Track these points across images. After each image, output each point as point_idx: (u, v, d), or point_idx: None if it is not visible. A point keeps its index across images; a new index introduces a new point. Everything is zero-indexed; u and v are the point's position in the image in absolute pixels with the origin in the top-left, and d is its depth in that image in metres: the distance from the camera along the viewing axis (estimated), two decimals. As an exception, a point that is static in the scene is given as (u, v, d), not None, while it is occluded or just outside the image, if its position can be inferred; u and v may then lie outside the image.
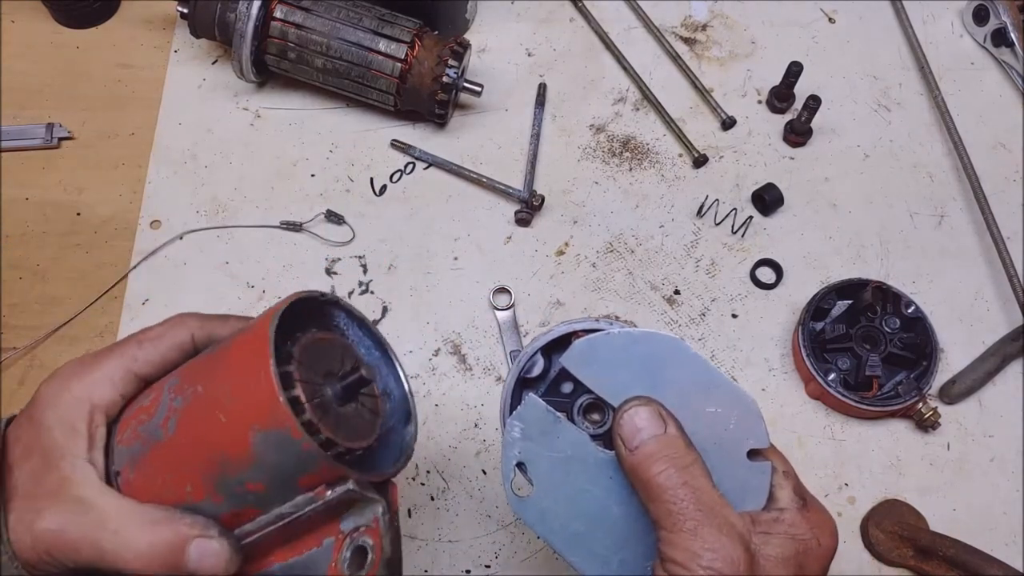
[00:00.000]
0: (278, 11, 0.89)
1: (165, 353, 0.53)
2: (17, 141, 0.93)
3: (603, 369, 0.50)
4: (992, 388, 0.84)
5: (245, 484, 0.45)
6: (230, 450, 0.45)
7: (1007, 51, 1.00)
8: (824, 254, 0.90)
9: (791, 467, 0.51)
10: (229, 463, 0.45)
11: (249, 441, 0.44)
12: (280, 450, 0.44)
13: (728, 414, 0.50)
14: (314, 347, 0.49)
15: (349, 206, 0.91)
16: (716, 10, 1.05)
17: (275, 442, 0.44)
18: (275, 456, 0.44)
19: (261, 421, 0.44)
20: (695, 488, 0.46)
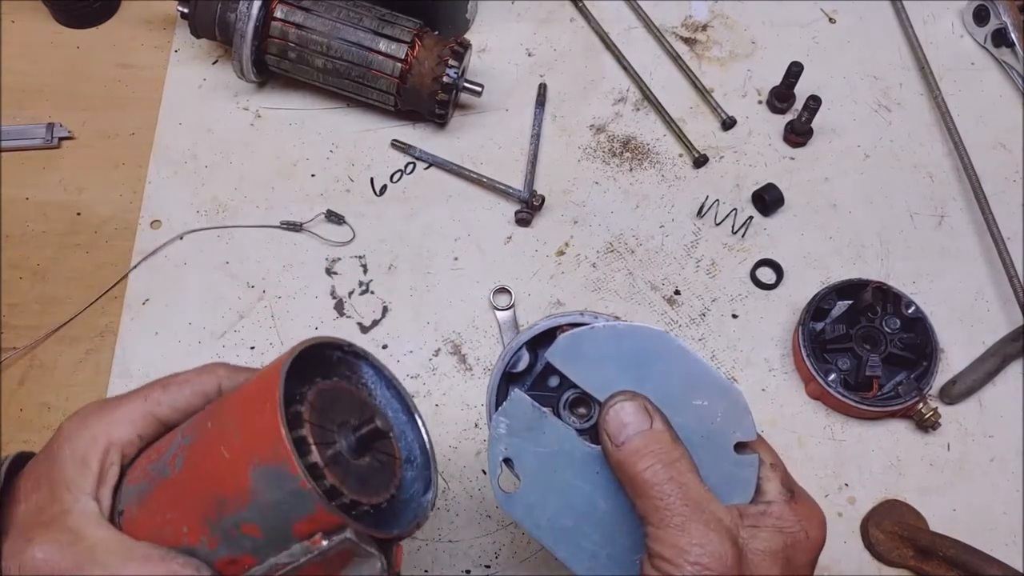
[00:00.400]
0: (278, 11, 0.89)
1: (189, 399, 0.52)
2: (17, 141, 0.93)
3: (588, 364, 0.50)
4: (992, 388, 0.84)
5: (241, 526, 0.44)
6: (229, 487, 0.44)
7: (1007, 51, 1.00)
8: (824, 254, 0.90)
9: (779, 459, 0.51)
10: (227, 501, 0.44)
11: (248, 477, 0.43)
12: (277, 487, 0.43)
13: (715, 407, 0.49)
14: (332, 395, 0.48)
15: (349, 206, 0.91)
16: (716, 10, 1.05)
17: (273, 478, 0.43)
18: (271, 494, 0.43)
19: (261, 455, 0.43)
20: (682, 484, 0.46)
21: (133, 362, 0.83)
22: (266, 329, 0.85)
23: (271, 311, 0.86)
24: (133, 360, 0.83)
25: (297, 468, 0.42)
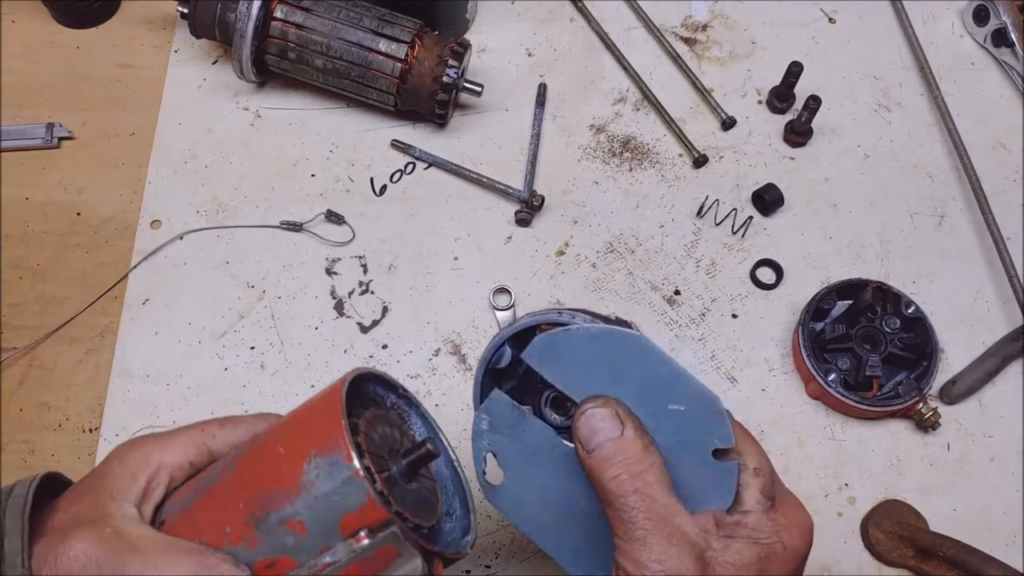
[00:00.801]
0: (278, 11, 0.89)
1: (243, 436, 0.53)
2: (17, 141, 0.93)
3: (565, 365, 0.49)
4: (992, 388, 0.84)
5: (286, 523, 0.44)
6: (280, 480, 0.44)
7: (1007, 51, 1.00)
8: (824, 254, 0.90)
9: (766, 463, 0.49)
10: (276, 495, 0.44)
11: (301, 468, 0.43)
12: (329, 477, 0.43)
13: (692, 412, 0.48)
14: (379, 422, 0.49)
15: (349, 206, 0.91)
16: (716, 10, 1.05)
17: (326, 468, 0.43)
18: (323, 485, 0.43)
19: (318, 446, 0.43)
20: (646, 496, 0.45)
21: (133, 362, 0.83)
22: (266, 329, 0.85)
23: (271, 311, 0.86)
24: (133, 360, 0.83)
25: (352, 456, 0.42)
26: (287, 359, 0.84)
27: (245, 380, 0.83)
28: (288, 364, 0.83)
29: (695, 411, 0.48)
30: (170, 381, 0.82)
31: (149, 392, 0.82)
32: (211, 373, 0.83)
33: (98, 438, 0.80)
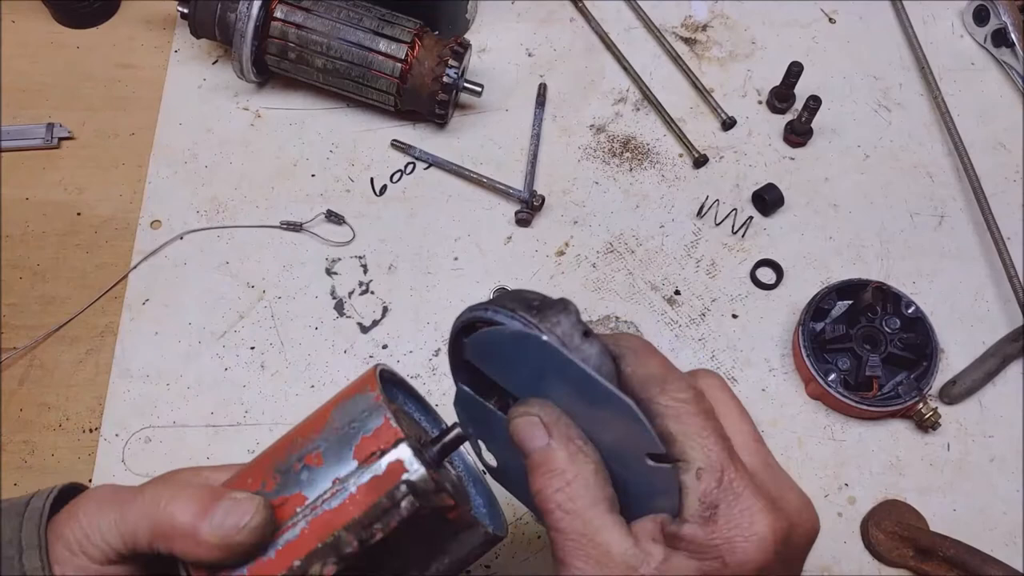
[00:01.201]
0: (278, 11, 0.89)
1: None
2: (17, 141, 0.93)
3: (502, 364, 0.47)
4: (992, 388, 0.84)
5: (304, 458, 0.45)
6: (307, 428, 0.45)
7: (1007, 51, 1.00)
8: (824, 254, 0.90)
9: (720, 457, 0.42)
10: (299, 440, 0.45)
11: (328, 414, 0.45)
12: (351, 410, 0.44)
13: (616, 420, 0.44)
14: (403, 416, 0.50)
15: (349, 206, 0.91)
16: (716, 10, 1.05)
17: (350, 405, 0.44)
18: (344, 417, 0.44)
19: (346, 394, 0.45)
20: (568, 511, 0.42)
21: (133, 362, 0.83)
22: (266, 329, 0.85)
23: (271, 311, 0.86)
24: (133, 360, 0.83)
25: (377, 387, 0.44)
26: (287, 359, 0.84)
27: (245, 380, 0.83)
28: (288, 364, 0.83)
29: (618, 417, 0.44)
30: (170, 381, 0.82)
31: (149, 392, 0.82)
32: (211, 373, 0.83)
33: (98, 438, 0.80)
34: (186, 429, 0.80)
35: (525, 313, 0.44)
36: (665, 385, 0.43)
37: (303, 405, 0.82)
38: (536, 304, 0.44)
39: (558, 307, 0.44)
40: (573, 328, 0.43)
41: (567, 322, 0.44)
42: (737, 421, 0.45)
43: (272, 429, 0.80)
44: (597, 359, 0.43)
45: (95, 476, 0.78)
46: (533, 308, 0.44)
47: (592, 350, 0.43)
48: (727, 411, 0.45)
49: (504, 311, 0.44)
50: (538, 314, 0.44)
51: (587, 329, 0.44)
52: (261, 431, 0.80)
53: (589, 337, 0.44)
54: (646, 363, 0.44)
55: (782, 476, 0.45)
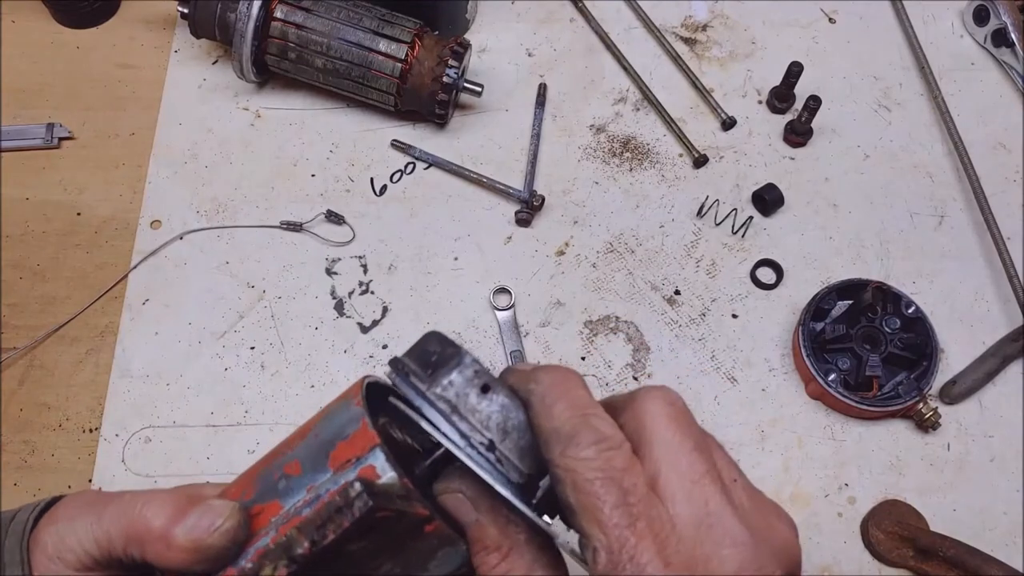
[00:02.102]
0: (278, 11, 0.89)
1: None
2: (17, 141, 0.93)
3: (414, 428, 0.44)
4: (992, 388, 0.84)
5: (283, 467, 0.43)
6: (289, 440, 0.43)
7: (1007, 51, 1.00)
8: (824, 254, 0.90)
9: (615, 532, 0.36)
10: (282, 451, 0.43)
11: (311, 427, 0.43)
12: (333, 419, 0.42)
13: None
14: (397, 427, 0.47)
15: (349, 206, 0.91)
16: (716, 10, 1.05)
17: (332, 415, 0.42)
18: (324, 427, 0.42)
19: (330, 406, 0.43)
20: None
21: (133, 362, 0.83)
22: (266, 329, 0.85)
23: (271, 311, 0.86)
24: (133, 360, 0.83)
25: (359, 394, 0.41)
26: (287, 359, 0.84)
27: (245, 380, 0.83)
28: (288, 364, 0.83)
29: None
30: (170, 381, 0.82)
31: (149, 392, 0.82)
32: (211, 373, 0.83)
33: (98, 438, 0.80)
34: (186, 429, 0.80)
35: (417, 379, 0.41)
36: (569, 442, 0.38)
37: (303, 405, 0.82)
38: (433, 360, 0.41)
39: (452, 362, 0.41)
40: (468, 385, 0.41)
41: (460, 379, 0.41)
42: (674, 457, 0.38)
43: (272, 429, 0.80)
44: (499, 415, 0.40)
45: (95, 476, 0.78)
46: (429, 366, 0.41)
47: (491, 407, 0.40)
48: (664, 446, 0.39)
49: (400, 375, 0.42)
50: (432, 374, 0.41)
51: (486, 382, 0.41)
52: (261, 431, 0.80)
53: (488, 392, 0.40)
54: (551, 413, 0.39)
55: (733, 520, 0.38)
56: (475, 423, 0.40)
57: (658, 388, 0.41)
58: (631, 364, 0.84)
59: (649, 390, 0.41)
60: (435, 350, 0.42)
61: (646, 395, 0.41)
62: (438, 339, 0.43)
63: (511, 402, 0.41)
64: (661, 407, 0.40)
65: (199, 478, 0.78)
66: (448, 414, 0.40)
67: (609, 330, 0.86)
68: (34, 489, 0.77)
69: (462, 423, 0.40)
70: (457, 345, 0.42)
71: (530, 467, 0.40)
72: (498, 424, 0.40)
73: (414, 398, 0.41)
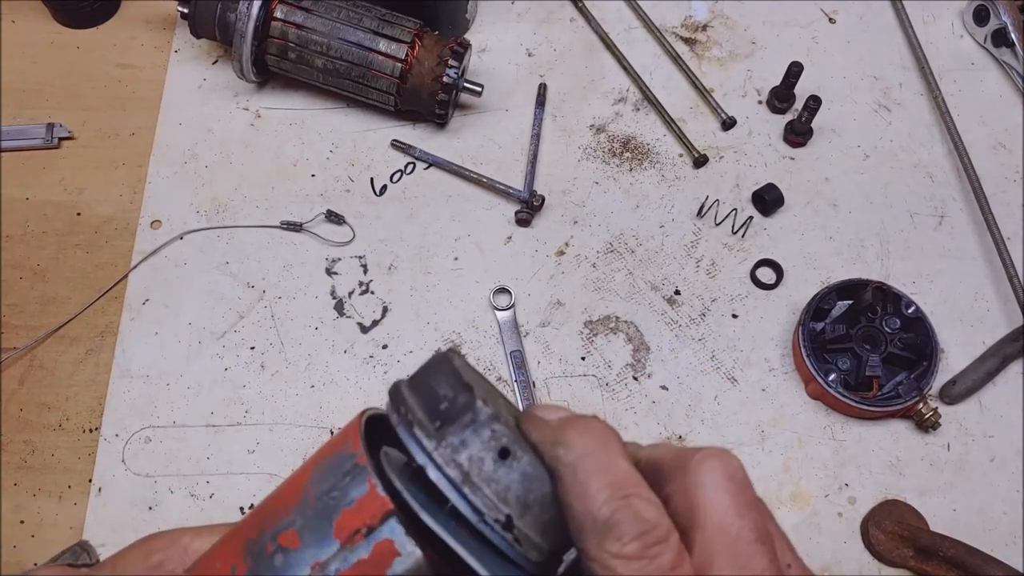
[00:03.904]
0: (278, 11, 0.89)
1: None
2: (17, 141, 0.93)
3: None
4: (992, 388, 0.84)
5: (278, 537, 0.36)
6: (282, 494, 0.37)
7: (1007, 51, 1.00)
8: (824, 254, 0.90)
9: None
10: (275, 511, 0.37)
11: (305, 478, 0.36)
12: (331, 473, 0.35)
13: None
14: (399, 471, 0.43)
15: (349, 206, 0.91)
16: (716, 10, 1.05)
17: (330, 466, 0.36)
18: (323, 484, 0.35)
19: (325, 452, 0.36)
20: None
21: (133, 362, 0.83)
22: (266, 329, 0.85)
23: (271, 311, 0.86)
24: (133, 360, 0.83)
25: (359, 444, 0.35)
26: (287, 359, 0.84)
27: (245, 380, 0.83)
28: (288, 364, 0.83)
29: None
30: (170, 381, 0.82)
31: (149, 392, 0.82)
32: (211, 373, 0.83)
33: (98, 438, 0.80)
34: (186, 429, 0.80)
35: (424, 432, 0.34)
36: (608, 533, 0.31)
37: (303, 405, 0.82)
38: (443, 410, 0.35)
39: (466, 416, 0.34)
40: (484, 447, 0.34)
41: (475, 440, 0.34)
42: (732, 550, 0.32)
43: (272, 429, 0.80)
44: (520, 486, 0.34)
45: (95, 476, 0.78)
46: (437, 416, 0.35)
47: (511, 476, 0.34)
48: (721, 535, 0.33)
49: (403, 424, 0.35)
50: (441, 428, 0.34)
51: (505, 445, 0.34)
52: (261, 431, 0.80)
53: (508, 457, 0.34)
54: (586, 492, 0.32)
55: None
56: (490, 495, 0.33)
57: (716, 455, 0.34)
58: (631, 364, 0.84)
59: (705, 457, 0.34)
60: (445, 395, 0.35)
61: (701, 464, 0.34)
62: (449, 379, 0.36)
63: (534, 471, 0.34)
64: (719, 481, 0.33)
65: (199, 478, 0.78)
66: (459, 483, 0.33)
67: (609, 330, 0.86)
68: (34, 489, 0.78)
69: (475, 495, 0.33)
70: (470, 388, 0.35)
71: (553, 542, 0.34)
72: (518, 497, 0.34)
73: (419, 456, 0.34)
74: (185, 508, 0.77)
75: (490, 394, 0.37)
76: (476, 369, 0.39)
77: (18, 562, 0.75)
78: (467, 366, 0.37)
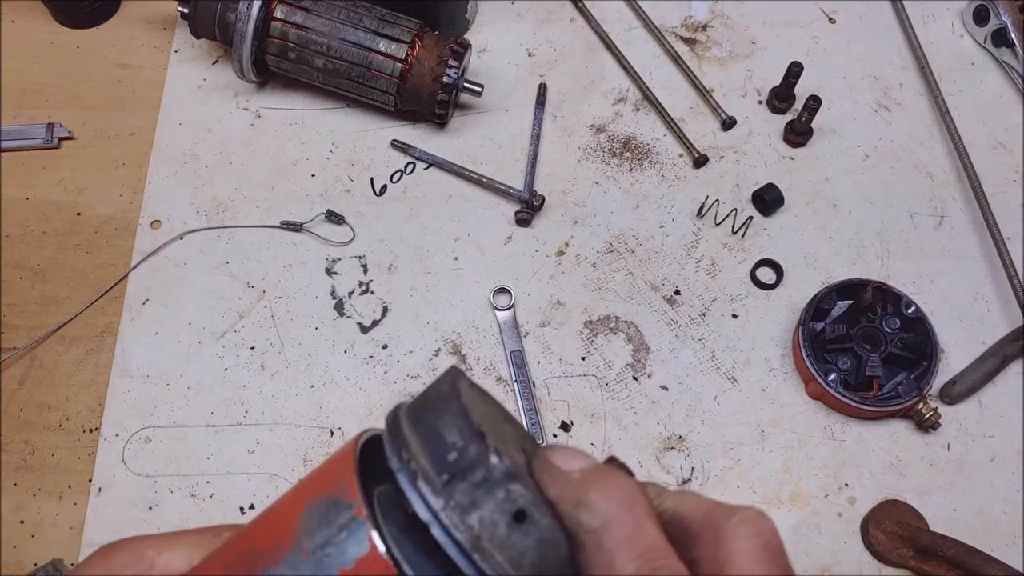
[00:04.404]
0: (278, 11, 0.89)
1: None
2: (17, 141, 0.93)
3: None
4: (992, 388, 0.84)
5: None
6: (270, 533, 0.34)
7: (1007, 51, 1.00)
8: (824, 254, 0.90)
9: None
10: (263, 552, 0.33)
11: (296, 518, 0.33)
12: (325, 522, 0.32)
13: None
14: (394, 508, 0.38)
15: (349, 206, 0.91)
16: (716, 10, 1.05)
17: (323, 512, 0.32)
18: (316, 534, 0.32)
19: (318, 489, 0.33)
20: None
21: (133, 362, 0.83)
22: (266, 329, 0.85)
23: (271, 311, 0.86)
24: (133, 360, 0.83)
25: (356, 492, 0.31)
26: (287, 359, 0.84)
27: (245, 380, 0.83)
28: (288, 364, 0.83)
29: None
30: (170, 381, 0.82)
31: (149, 392, 0.82)
32: (211, 373, 0.83)
33: (98, 438, 0.80)
34: (186, 429, 0.80)
35: (429, 486, 0.31)
36: None
37: (303, 405, 0.82)
38: (451, 460, 0.31)
39: (478, 472, 0.30)
40: (498, 509, 0.30)
41: (489, 501, 0.30)
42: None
43: (272, 429, 0.81)
44: (535, 553, 0.30)
45: (95, 476, 0.78)
46: (444, 467, 0.31)
47: (526, 542, 0.30)
48: None
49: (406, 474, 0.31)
50: (449, 484, 0.30)
51: (522, 508, 0.30)
52: (261, 431, 0.80)
53: (524, 522, 0.30)
54: (611, 563, 0.30)
55: None
56: (503, 562, 0.30)
57: (751, 520, 0.31)
58: (631, 364, 0.84)
59: (740, 523, 0.31)
60: (454, 443, 0.31)
61: (735, 529, 0.31)
62: (458, 423, 0.32)
63: (552, 535, 0.30)
64: (754, 552, 0.31)
65: (199, 478, 0.78)
66: (469, 549, 0.30)
67: (609, 330, 0.86)
68: (34, 489, 0.78)
69: (486, 563, 0.29)
70: (483, 436, 0.31)
71: None
72: (533, 563, 0.30)
73: (424, 514, 0.31)
74: (185, 508, 0.77)
75: (499, 427, 0.34)
76: (481, 390, 0.36)
77: (18, 562, 0.75)
78: (474, 394, 0.34)
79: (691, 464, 0.80)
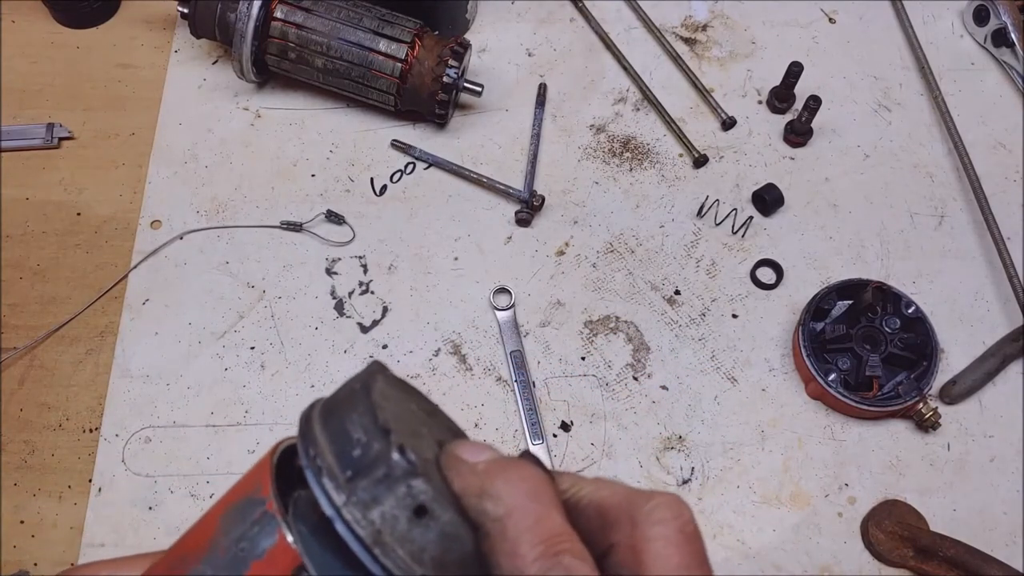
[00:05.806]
0: (278, 11, 0.89)
1: None
2: (17, 141, 0.93)
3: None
4: (992, 388, 0.84)
5: None
6: (188, 546, 0.34)
7: (1007, 51, 1.00)
8: (824, 254, 0.90)
9: None
10: (187, 556, 0.34)
11: (216, 520, 0.34)
12: (240, 519, 0.33)
13: None
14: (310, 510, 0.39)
15: (349, 206, 0.91)
16: (716, 10, 1.05)
17: (239, 511, 0.33)
18: (232, 532, 0.33)
19: (236, 494, 0.34)
20: None
21: (133, 362, 0.83)
22: (266, 329, 0.85)
23: (271, 311, 0.86)
24: (133, 360, 0.83)
25: (268, 488, 0.32)
26: (287, 359, 0.84)
27: (245, 380, 0.83)
28: (288, 364, 0.84)
29: None
30: (170, 381, 0.82)
31: (149, 392, 0.82)
32: (211, 373, 0.83)
33: (98, 438, 0.80)
34: (186, 429, 0.80)
35: (333, 483, 0.31)
36: None
37: (303, 405, 0.81)
38: (356, 457, 0.32)
39: (379, 468, 0.31)
40: (398, 505, 0.31)
41: (389, 497, 0.31)
42: None
43: (272, 429, 0.81)
44: (437, 547, 0.31)
45: (95, 476, 0.78)
46: (348, 464, 0.32)
47: (428, 536, 0.31)
48: None
49: (312, 471, 0.32)
50: (352, 481, 0.31)
51: (423, 503, 0.31)
52: (261, 431, 0.80)
53: (425, 517, 0.31)
54: (515, 550, 0.30)
55: None
56: (404, 556, 0.30)
57: (666, 504, 0.32)
58: (631, 364, 0.84)
59: (656, 507, 0.32)
60: (359, 439, 0.32)
61: (651, 513, 0.32)
62: (363, 420, 0.32)
63: (454, 530, 0.31)
64: (670, 535, 0.31)
65: (199, 478, 0.78)
66: (370, 543, 0.30)
67: (609, 330, 0.86)
68: (34, 489, 0.78)
69: (387, 557, 0.30)
70: (387, 433, 0.32)
71: None
72: (434, 558, 0.31)
73: (328, 510, 0.31)
74: (185, 508, 0.77)
75: (413, 423, 0.34)
76: (403, 385, 0.36)
77: (18, 562, 0.75)
78: (391, 391, 0.34)
79: (691, 464, 0.80)
